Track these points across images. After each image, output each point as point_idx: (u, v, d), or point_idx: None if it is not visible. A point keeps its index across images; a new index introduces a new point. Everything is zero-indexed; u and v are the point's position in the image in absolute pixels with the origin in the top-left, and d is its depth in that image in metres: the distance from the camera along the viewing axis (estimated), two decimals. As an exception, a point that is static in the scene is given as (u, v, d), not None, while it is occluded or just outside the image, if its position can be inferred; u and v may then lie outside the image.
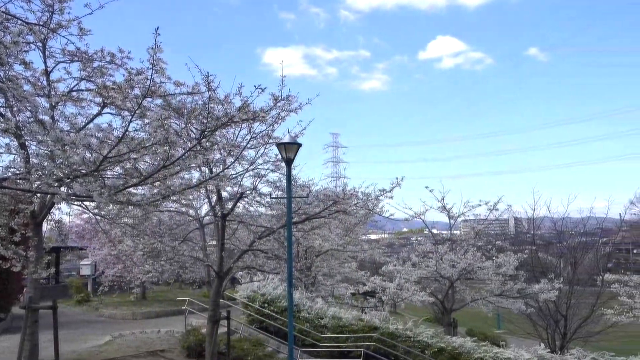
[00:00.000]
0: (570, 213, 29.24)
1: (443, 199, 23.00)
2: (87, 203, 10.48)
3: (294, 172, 13.97)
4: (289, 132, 11.93)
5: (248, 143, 11.66)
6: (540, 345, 22.23)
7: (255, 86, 8.70)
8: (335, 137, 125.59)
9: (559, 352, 20.89)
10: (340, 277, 24.28)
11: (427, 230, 27.03)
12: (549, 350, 19.28)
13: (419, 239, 34.01)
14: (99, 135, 7.89)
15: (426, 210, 22.94)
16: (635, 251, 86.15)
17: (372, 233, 48.67)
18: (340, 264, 23.76)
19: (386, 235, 60.25)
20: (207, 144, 8.94)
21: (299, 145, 11.86)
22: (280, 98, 10.34)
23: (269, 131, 11.89)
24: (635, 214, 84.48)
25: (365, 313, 19.92)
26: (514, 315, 26.62)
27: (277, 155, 12.77)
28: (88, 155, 7.40)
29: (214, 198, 14.01)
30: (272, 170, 13.72)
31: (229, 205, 13.61)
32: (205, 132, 8.26)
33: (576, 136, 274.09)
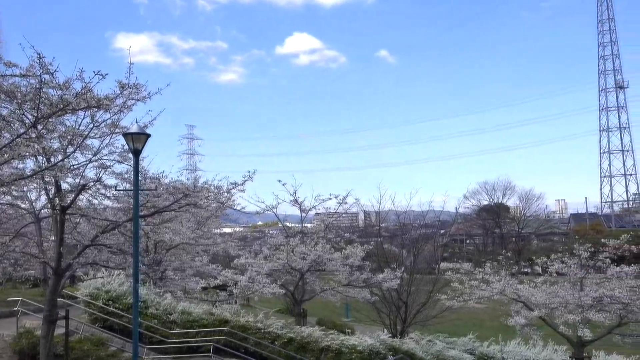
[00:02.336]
0: (412, 207, 31.24)
1: (295, 193, 23.50)
2: None
3: (144, 164, 13.47)
4: (137, 122, 11.42)
5: (91, 132, 10.97)
6: (383, 331, 23.59)
7: (95, 72, 8.20)
8: (190, 129, 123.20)
9: (400, 337, 22.33)
10: (192, 272, 23.79)
11: (281, 223, 27.43)
12: (390, 335, 20.50)
13: (271, 232, 34.47)
14: None
15: (278, 204, 23.32)
16: (467, 241, 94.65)
17: (226, 226, 48.28)
18: (191, 258, 23.28)
19: (241, 229, 60.10)
20: (43, 131, 8.27)
21: (148, 135, 11.40)
22: (127, 85, 9.89)
23: (115, 120, 11.30)
24: (468, 208, 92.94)
25: (217, 307, 19.75)
26: (361, 304, 27.95)
27: (124, 145, 12.16)
28: None
29: (52, 190, 13.00)
30: (119, 162, 13.04)
31: (70, 197, 12.71)
32: (39, 118, 7.62)
33: (418, 136, 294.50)
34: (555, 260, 20.84)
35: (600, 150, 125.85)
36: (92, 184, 12.84)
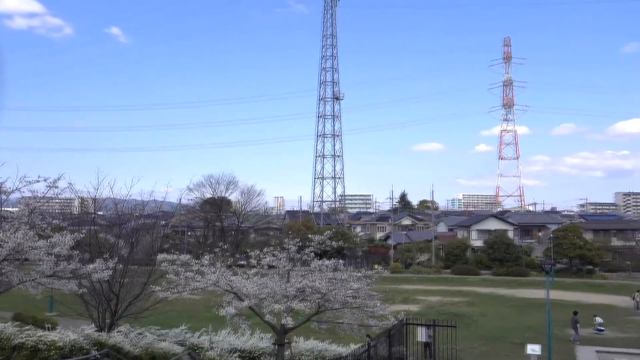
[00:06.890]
0: (132, 195, 30.00)
1: (-5, 172, 20.63)
2: None
3: None
4: None
5: None
6: (90, 324, 22.23)
7: None
8: None
9: (108, 330, 21.32)
10: None
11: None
12: (97, 329, 19.45)
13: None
14: None
15: (-30, 184, 20.14)
16: (189, 233, 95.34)
17: None
18: None
19: None
20: None
21: None
22: None
23: None
24: (191, 200, 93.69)
25: None
26: (68, 296, 25.89)
27: None
28: None
29: None
30: None
31: None
32: None
33: (143, 123, 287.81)
34: (268, 254, 22.11)
35: (315, 153, 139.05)
36: None
